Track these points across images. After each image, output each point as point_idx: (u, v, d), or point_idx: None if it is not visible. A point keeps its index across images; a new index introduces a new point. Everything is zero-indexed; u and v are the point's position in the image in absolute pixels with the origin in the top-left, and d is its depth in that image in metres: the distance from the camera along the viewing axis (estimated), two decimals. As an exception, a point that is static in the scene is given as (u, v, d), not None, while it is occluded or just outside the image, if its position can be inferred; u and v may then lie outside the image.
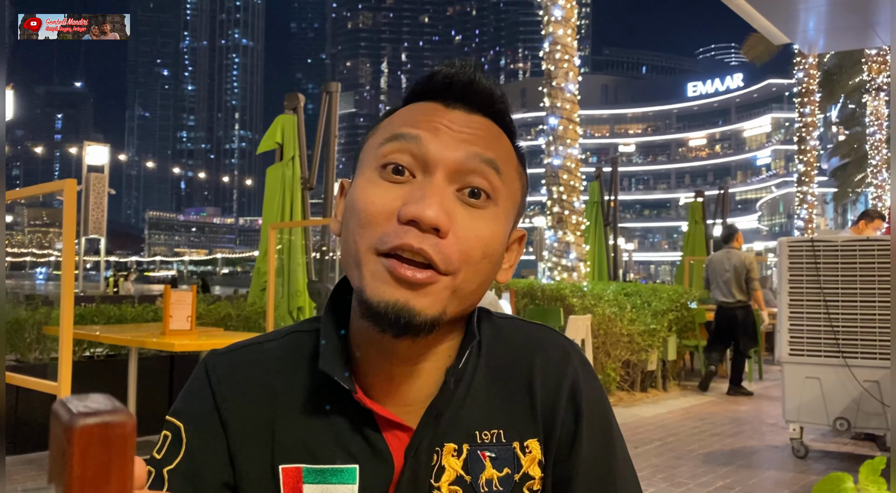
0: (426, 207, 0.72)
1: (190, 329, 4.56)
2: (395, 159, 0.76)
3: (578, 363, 0.90)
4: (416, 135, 0.77)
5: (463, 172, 0.76)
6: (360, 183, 0.78)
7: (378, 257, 0.73)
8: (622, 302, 7.95)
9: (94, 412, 0.30)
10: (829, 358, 5.06)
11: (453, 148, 0.77)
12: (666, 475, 4.72)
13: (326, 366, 0.79)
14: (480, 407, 0.83)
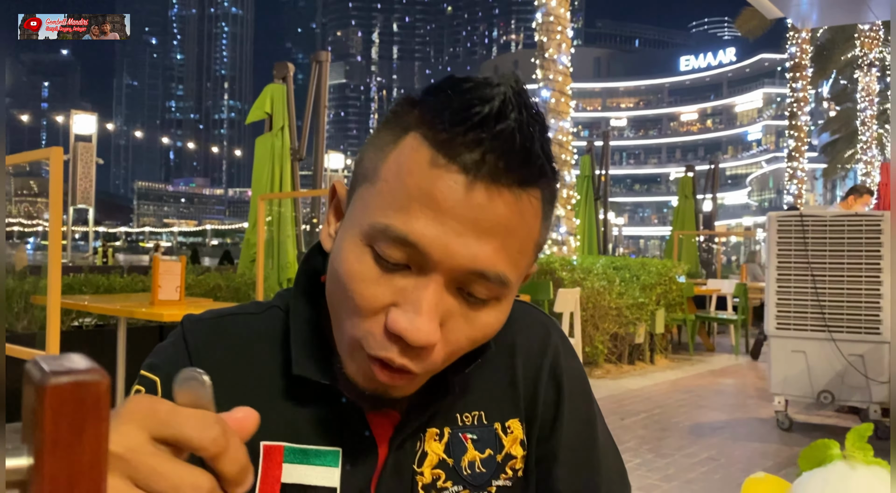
0: (416, 330, 0.64)
1: (179, 300, 4.54)
2: (386, 255, 0.66)
3: (559, 340, 0.90)
4: (413, 238, 0.65)
5: (464, 279, 0.67)
6: (347, 252, 0.69)
7: (361, 350, 0.69)
8: (611, 276, 7.99)
9: (67, 370, 0.29)
10: (816, 332, 5.11)
11: (453, 246, 0.65)
12: (652, 447, 4.77)
13: (301, 370, 0.76)
14: (462, 391, 0.82)
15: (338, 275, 0.69)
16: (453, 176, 0.64)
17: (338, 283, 0.69)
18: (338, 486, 0.77)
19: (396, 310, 0.65)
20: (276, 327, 0.83)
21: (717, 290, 10.31)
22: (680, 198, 14.36)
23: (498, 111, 0.64)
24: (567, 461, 0.85)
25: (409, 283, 0.66)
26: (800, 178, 21.30)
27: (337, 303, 0.71)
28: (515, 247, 0.67)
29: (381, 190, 0.67)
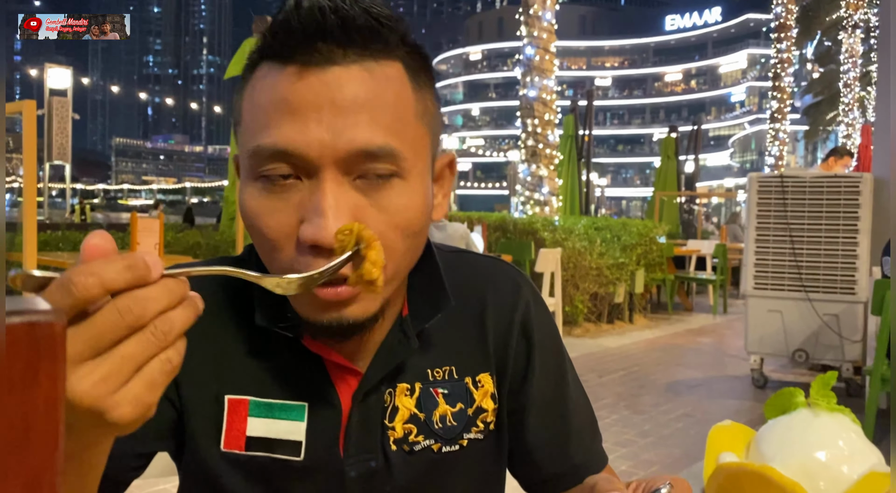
0: (323, 229, 0.64)
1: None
2: (270, 173, 0.67)
3: (529, 295, 0.90)
4: (282, 143, 0.65)
5: (352, 165, 0.67)
6: (245, 195, 0.70)
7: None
8: (592, 236, 8.02)
9: (21, 311, 0.28)
10: (792, 292, 5.18)
11: (331, 140, 0.65)
12: (629, 403, 4.85)
13: (265, 321, 0.77)
14: (432, 346, 0.83)
15: (249, 223, 0.70)
16: (292, 71, 0.66)
17: (251, 230, 0.71)
18: (303, 440, 0.78)
19: (302, 225, 0.66)
20: (241, 281, 0.82)
21: (697, 250, 10.39)
22: (662, 159, 14.37)
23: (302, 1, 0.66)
24: (538, 412, 0.87)
25: (304, 194, 0.67)
26: (782, 139, 21.38)
27: (260, 250, 0.72)
28: (388, 117, 0.68)
29: (245, 124, 0.70)
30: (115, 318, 0.45)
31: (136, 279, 0.46)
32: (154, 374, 0.47)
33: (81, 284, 0.43)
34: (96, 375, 0.45)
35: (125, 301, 0.45)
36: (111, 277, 0.45)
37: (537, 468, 0.88)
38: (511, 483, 0.93)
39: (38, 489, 0.28)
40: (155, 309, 0.47)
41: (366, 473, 0.80)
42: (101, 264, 0.45)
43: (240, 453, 0.78)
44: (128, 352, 0.46)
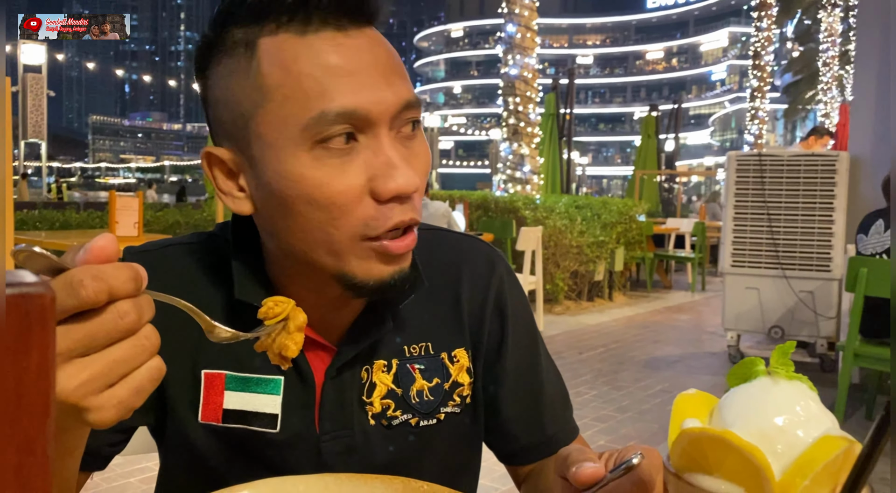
0: (403, 178, 0.69)
1: (137, 236, 4.49)
2: (336, 132, 0.68)
3: (503, 271, 0.92)
4: (350, 104, 0.68)
5: (398, 118, 0.71)
6: (299, 169, 0.69)
7: (366, 242, 0.71)
8: (573, 214, 8.06)
9: (13, 283, 0.30)
10: (769, 269, 5.25)
11: (380, 95, 0.69)
12: (608, 379, 4.92)
13: (244, 295, 0.78)
14: (408, 323, 0.85)
15: (307, 198, 0.69)
16: (333, 37, 0.69)
17: (310, 204, 0.69)
18: (279, 413, 0.80)
19: (377, 181, 0.69)
20: (215, 256, 0.84)
21: (676, 229, 10.48)
22: (643, 137, 14.42)
23: None
24: (512, 385, 0.89)
25: (365, 154, 0.69)
26: (761, 118, 21.50)
27: (317, 224, 0.70)
28: (405, 73, 0.74)
29: (285, 97, 0.68)
30: (113, 320, 0.46)
31: (136, 290, 0.47)
32: (143, 380, 0.48)
33: (92, 289, 0.44)
34: (85, 374, 0.46)
35: (126, 306, 0.46)
36: (117, 285, 0.46)
37: (512, 439, 0.90)
38: (487, 455, 0.95)
39: (30, 452, 0.30)
40: (147, 318, 0.48)
41: (344, 447, 0.81)
42: (111, 271, 0.46)
43: (217, 425, 0.80)
44: (120, 356, 0.47)
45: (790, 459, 0.43)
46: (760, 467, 0.42)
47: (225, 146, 0.74)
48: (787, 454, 0.43)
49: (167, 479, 0.90)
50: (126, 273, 0.46)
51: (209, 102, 0.75)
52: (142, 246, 0.86)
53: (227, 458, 0.82)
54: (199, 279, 0.82)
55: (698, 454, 0.45)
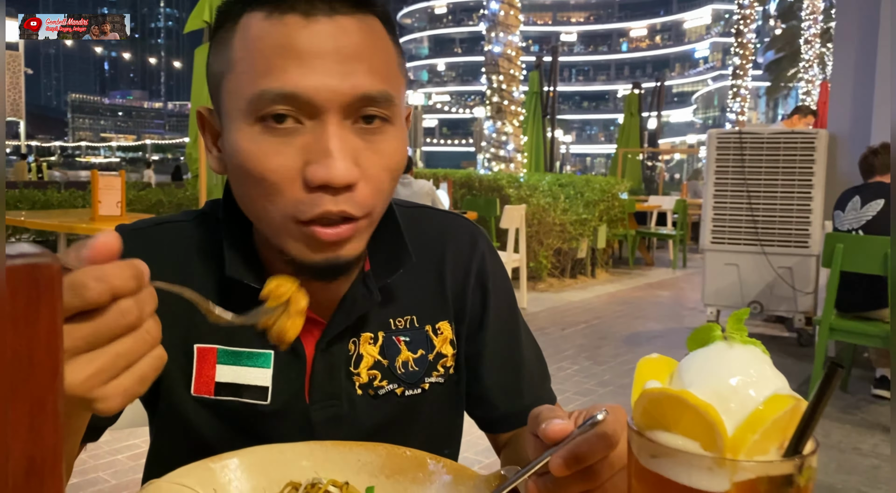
0: (334, 169, 0.68)
1: (120, 215, 4.48)
2: (273, 112, 0.70)
3: (485, 247, 0.96)
4: (290, 87, 0.69)
5: (355, 108, 0.72)
6: (241, 141, 0.72)
7: (297, 224, 0.72)
8: (556, 192, 8.10)
9: (21, 254, 0.32)
10: (748, 246, 5.33)
11: (337, 84, 0.69)
12: (590, 355, 4.99)
13: (234, 272, 0.80)
14: (393, 297, 0.88)
15: (244, 169, 0.72)
16: (296, 21, 0.70)
17: (247, 176, 0.72)
18: (270, 385, 0.83)
19: (310, 166, 0.69)
20: (207, 234, 0.86)
21: (658, 206, 10.56)
22: (626, 115, 14.46)
23: None
24: (493, 356, 0.93)
25: (308, 137, 0.70)
26: (743, 96, 21.58)
27: (254, 198, 0.74)
28: (382, 66, 0.73)
29: (241, 71, 0.71)
30: (116, 318, 0.48)
31: (138, 288, 0.49)
32: (146, 370, 0.51)
33: (95, 290, 0.46)
34: (91, 368, 0.48)
35: (129, 304, 0.49)
36: (119, 285, 0.48)
37: (492, 407, 0.94)
38: (472, 429, 0.99)
39: (42, 408, 0.33)
40: (149, 311, 0.51)
41: (332, 416, 0.85)
42: (113, 271, 0.48)
43: (209, 397, 0.83)
44: (123, 349, 0.49)
45: (742, 416, 0.47)
46: (714, 423, 0.45)
47: (213, 108, 0.79)
48: (739, 412, 0.47)
49: (159, 451, 0.93)
50: (128, 272, 0.48)
51: (207, 67, 0.79)
52: (133, 224, 0.88)
53: (218, 429, 0.84)
54: (190, 257, 0.85)
55: (658, 412, 0.48)
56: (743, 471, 0.45)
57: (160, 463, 0.93)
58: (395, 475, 0.76)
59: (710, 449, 0.46)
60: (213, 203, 0.89)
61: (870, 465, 3.17)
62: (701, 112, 66.62)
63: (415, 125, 14.67)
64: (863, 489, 2.94)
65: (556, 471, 0.58)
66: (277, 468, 0.75)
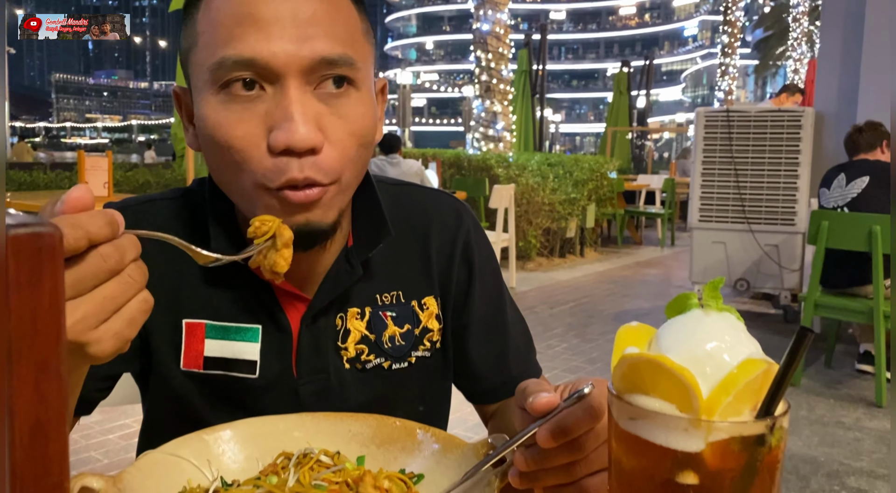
0: (294, 132, 0.69)
1: (107, 196, 4.47)
2: (234, 77, 0.71)
3: (470, 223, 0.97)
4: (248, 53, 0.70)
5: (315, 73, 0.72)
6: (206, 110, 0.73)
7: (266, 191, 0.73)
8: (545, 172, 8.11)
9: (23, 223, 0.34)
10: (735, 224, 5.37)
11: (295, 50, 0.70)
12: (578, 333, 5.03)
13: (219, 249, 0.81)
14: (379, 273, 0.89)
15: (212, 139, 0.73)
16: None
17: (215, 145, 0.74)
18: (258, 359, 0.84)
19: (273, 131, 0.71)
20: (194, 211, 0.88)
21: (647, 185, 10.59)
22: (615, 94, 14.45)
23: None
24: (479, 330, 0.95)
25: (270, 104, 0.71)
26: (731, 74, 21.58)
27: (224, 167, 0.75)
28: (343, 31, 0.74)
29: (203, 43, 0.73)
30: (97, 263, 0.50)
31: (113, 234, 0.51)
32: (134, 312, 0.53)
33: (71, 236, 0.48)
34: (78, 313, 0.50)
35: (108, 249, 0.50)
36: (95, 231, 0.50)
37: (479, 380, 0.96)
38: (462, 406, 1.01)
39: (46, 371, 0.34)
40: (130, 257, 0.52)
41: (320, 390, 0.86)
42: (86, 218, 0.50)
43: (198, 371, 0.85)
44: (109, 293, 0.51)
45: (716, 379, 0.49)
46: (690, 386, 0.47)
47: (187, 86, 0.80)
48: (714, 376, 0.49)
49: (151, 425, 0.95)
50: (101, 219, 0.50)
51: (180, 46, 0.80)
52: (121, 202, 0.89)
53: (208, 403, 0.86)
54: (178, 233, 0.86)
55: (636, 376, 0.50)
56: (717, 431, 0.47)
57: (153, 437, 0.95)
58: (385, 445, 0.78)
59: (685, 411, 0.48)
60: (200, 181, 0.91)
61: (852, 438, 3.23)
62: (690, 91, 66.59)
63: (403, 105, 14.59)
64: (845, 461, 3.00)
65: (542, 443, 0.59)
66: (270, 440, 0.77)
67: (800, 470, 2.91)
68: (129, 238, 0.53)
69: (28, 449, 0.34)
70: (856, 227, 3.63)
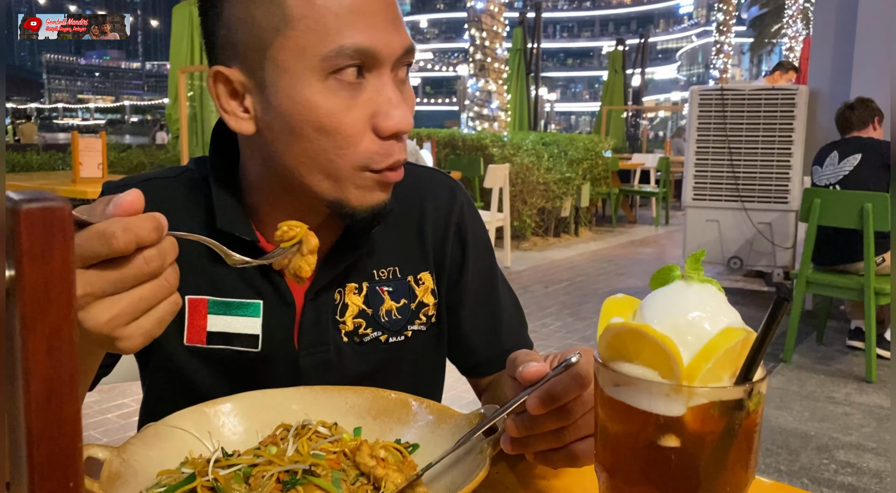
0: (405, 118, 0.76)
1: (101, 177, 4.47)
2: (349, 64, 0.74)
3: (464, 201, 1.00)
4: (367, 43, 0.74)
5: (402, 61, 0.78)
6: (313, 96, 0.74)
7: (368, 173, 0.77)
8: (540, 151, 8.11)
9: (36, 198, 0.35)
10: (729, 202, 5.39)
11: (390, 38, 0.76)
12: (572, 311, 5.07)
13: (225, 225, 0.84)
14: (377, 249, 0.92)
15: (316, 124, 0.75)
16: None
17: (318, 131, 0.75)
18: (260, 333, 0.87)
19: (378, 117, 0.75)
20: (194, 190, 0.89)
21: (641, 164, 10.60)
22: (610, 72, 14.41)
23: None
24: (472, 305, 0.97)
25: (370, 92, 0.75)
26: (727, 52, 21.51)
27: (321, 151, 0.76)
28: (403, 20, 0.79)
29: (307, 27, 0.73)
30: (141, 265, 0.53)
31: (159, 238, 0.54)
32: (164, 313, 0.56)
33: (122, 239, 0.51)
34: (115, 309, 0.53)
35: (152, 253, 0.53)
36: (144, 236, 0.52)
37: (472, 353, 0.99)
38: (453, 377, 1.04)
39: (59, 337, 0.36)
40: (169, 261, 0.55)
41: (320, 362, 0.89)
42: (137, 222, 0.52)
43: (202, 346, 0.87)
44: (145, 294, 0.54)
45: (697, 347, 0.51)
46: (671, 353, 0.50)
47: (234, 67, 0.78)
48: (695, 344, 0.51)
49: (153, 400, 0.97)
50: (150, 224, 0.53)
51: (222, 21, 0.77)
52: (121, 180, 0.90)
53: (210, 377, 0.88)
54: (178, 211, 0.88)
55: (621, 345, 0.52)
56: (697, 397, 0.49)
57: (154, 412, 0.97)
58: (381, 417, 0.80)
59: (667, 377, 0.50)
60: (198, 161, 0.92)
61: (842, 412, 3.28)
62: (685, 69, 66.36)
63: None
64: (834, 435, 3.05)
65: (532, 409, 0.62)
66: (269, 412, 0.79)
67: (790, 444, 2.96)
68: (170, 242, 0.55)
69: (43, 411, 0.36)
70: (847, 204, 3.65)
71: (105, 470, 0.64)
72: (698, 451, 0.51)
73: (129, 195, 0.54)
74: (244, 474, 0.67)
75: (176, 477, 0.67)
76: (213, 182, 0.86)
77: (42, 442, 0.36)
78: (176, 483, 0.66)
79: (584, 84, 79.55)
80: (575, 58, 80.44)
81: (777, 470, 2.72)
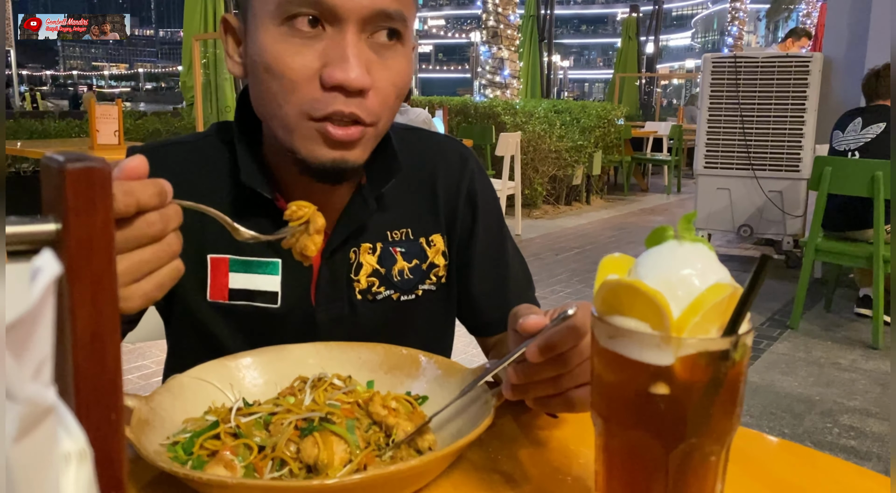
0: (349, 72, 0.75)
1: (118, 144, 4.51)
2: (300, 12, 0.76)
3: (474, 166, 1.04)
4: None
5: (372, 22, 0.78)
6: (266, 40, 0.78)
7: (310, 121, 0.78)
8: (552, 119, 8.08)
9: (79, 158, 0.39)
10: (740, 170, 5.38)
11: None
12: (582, 278, 5.10)
13: (248, 180, 0.87)
14: (390, 211, 0.95)
15: (266, 67, 0.78)
16: None
17: (268, 73, 0.78)
18: (279, 290, 0.91)
19: (328, 68, 0.76)
20: (215, 153, 0.93)
21: (654, 132, 10.53)
22: (623, 39, 14.25)
23: None
24: (481, 266, 1.01)
25: (329, 43, 0.77)
26: (742, 19, 21.19)
27: (272, 95, 0.79)
28: None
29: None
30: (142, 228, 0.55)
31: (161, 203, 0.56)
32: (164, 278, 0.58)
33: (122, 202, 0.53)
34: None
35: (153, 216, 0.55)
36: (145, 200, 0.55)
37: (480, 313, 1.03)
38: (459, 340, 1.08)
39: (101, 285, 0.40)
40: (172, 227, 0.57)
41: (335, 318, 0.93)
42: (139, 187, 0.55)
43: (224, 302, 0.91)
44: (146, 256, 0.56)
45: (687, 301, 0.54)
46: (661, 307, 0.53)
47: (237, 15, 0.84)
48: (684, 299, 0.54)
49: (177, 354, 1.02)
50: (152, 189, 0.55)
51: None
52: (144, 146, 0.95)
53: (231, 332, 0.93)
54: (202, 174, 0.92)
55: (615, 300, 0.56)
56: (686, 347, 0.53)
57: (179, 365, 1.02)
58: (393, 371, 0.85)
59: (658, 329, 0.54)
60: (219, 125, 0.96)
61: (847, 378, 3.32)
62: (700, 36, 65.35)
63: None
64: (839, 400, 3.09)
65: (531, 358, 0.66)
66: (287, 366, 0.84)
67: (794, 409, 3.00)
68: (174, 208, 0.58)
69: (88, 351, 0.40)
70: (858, 172, 3.65)
71: (135, 417, 0.69)
72: (686, 398, 0.54)
73: (133, 161, 0.56)
74: (264, 421, 0.71)
75: (200, 424, 0.72)
76: (237, 141, 0.90)
77: (87, 379, 0.40)
78: (201, 430, 0.70)
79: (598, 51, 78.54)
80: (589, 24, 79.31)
81: (780, 433, 2.77)
